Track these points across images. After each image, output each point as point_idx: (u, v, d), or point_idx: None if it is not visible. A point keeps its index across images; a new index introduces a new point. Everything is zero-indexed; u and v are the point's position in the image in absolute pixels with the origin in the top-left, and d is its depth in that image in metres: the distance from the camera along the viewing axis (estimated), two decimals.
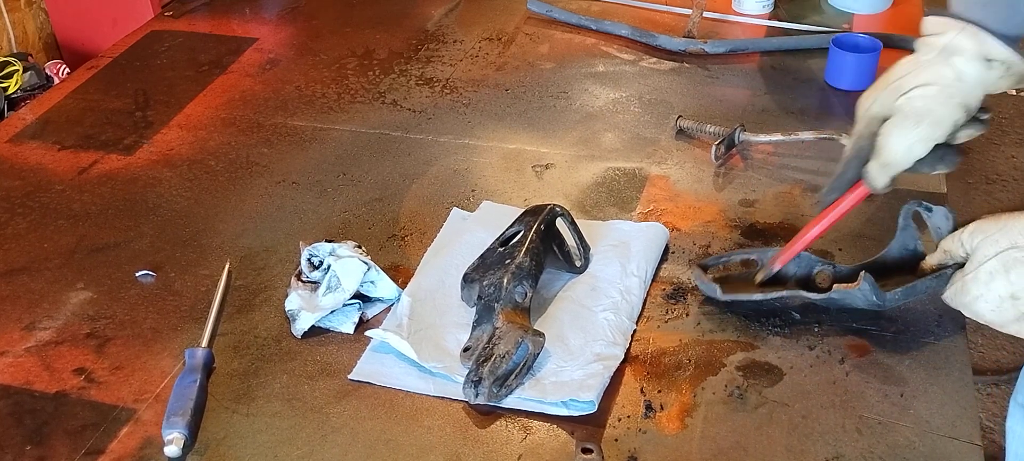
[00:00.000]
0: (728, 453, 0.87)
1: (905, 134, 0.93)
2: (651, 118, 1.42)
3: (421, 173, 1.30)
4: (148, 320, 1.05)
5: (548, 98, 1.48)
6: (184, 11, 1.81)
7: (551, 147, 1.35)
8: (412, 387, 0.95)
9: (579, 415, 0.90)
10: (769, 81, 1.52)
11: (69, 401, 0.95)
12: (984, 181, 2.67)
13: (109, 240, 1.18)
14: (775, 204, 1.21)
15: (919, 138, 0.92)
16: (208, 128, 1.42)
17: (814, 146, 1.29)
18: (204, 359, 0.96)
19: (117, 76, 1.58)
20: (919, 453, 0.86)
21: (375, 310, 1.05)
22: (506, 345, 0.93)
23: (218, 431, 0.91)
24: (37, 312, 1.07)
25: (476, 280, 1.01)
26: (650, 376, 0.96)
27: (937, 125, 0.92)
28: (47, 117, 1.47)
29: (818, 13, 1.74)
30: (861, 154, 0.97)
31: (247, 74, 1.58)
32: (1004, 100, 3.01)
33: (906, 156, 0.93)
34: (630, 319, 1.01)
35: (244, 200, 1.25)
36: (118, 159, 1.35)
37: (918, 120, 0.92)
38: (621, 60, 1.60)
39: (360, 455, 0.88)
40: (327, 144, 1.37)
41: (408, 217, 1.21)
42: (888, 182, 0.96)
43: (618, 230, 1.15)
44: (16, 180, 1.31)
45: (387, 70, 1.58)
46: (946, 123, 0.92)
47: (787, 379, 0.95)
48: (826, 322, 1.01)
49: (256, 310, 1.06)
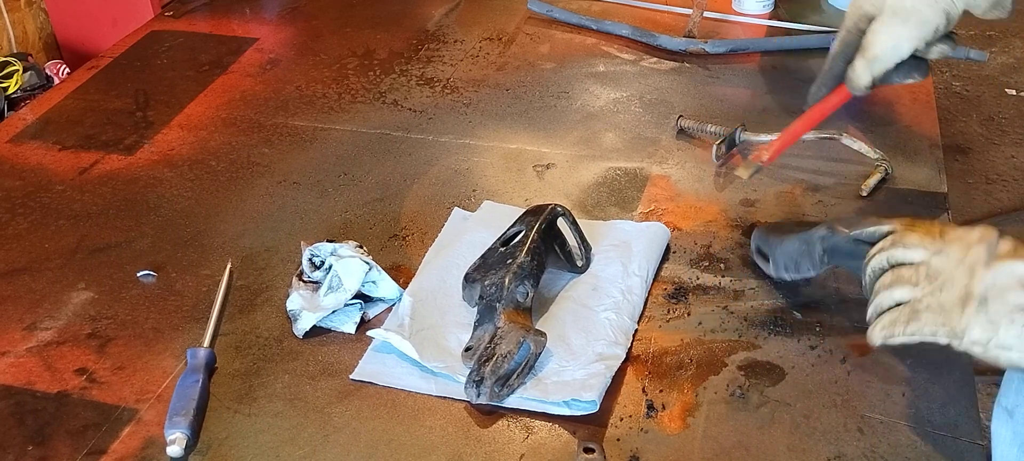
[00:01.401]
0: (730, 452, 0.87)
1: (893, 31, 0.99)
2: (652, 118, 1.42)
3: (422, 173, 1.30)
4: (150, 320, 1.05)
5: (549, 98, 1.48)
6: (184, 11, 1.81)
7: (552, 147, 1.35)
8: (414, 387, 0.95)
9: (581, 415, 0.90)
10: (770, 81, 1.52)
11: (71, 401, 0.95)
12: (984, 181, 2.66)
13: (110, 240, 1.18)
14: (776, 204, 1.21)
15: (906, 36, 0.99)
16: (209, 128, 1.42)
17: (815, 146, 1.29)
18: (206, 359, 0.96)
19: (117, 76, 1.58)
20: (921, 452, 0.86)
21: (377, 310, 1.05)
22: (508, 345, 0.93)
23: (220, 431, 0.91)
24: (38, 312, 1.07)
25: (477, 280, 1.01)
26: (652, 376, 0.96)
27: (923, 25, 0.98)
28: (47, 117, 1.47)
29: (818, 13, 1.74)
30: (848, 49, 1.02)
31: (247, 74, 1.58)
32: (1004, 100, 3.01)
33: (892, 53, 1.00)
34: (632, 319, 1.01)
35: (245, 200, 1.25)
36: (119, 159, 1.35)
37: (906, 18, 0.98)
38: (622, 60, 1.60)
39: (362, 455, 0.88)
40: (328, 144, 1.37)
41: (409, 217, 1.21)
42: (870, 82, 1.02)
43: (619, 230, 1.15)
44: (17, 180, 1.31)
45: (388, 70, 1.58)
46: (930, 25, 0.98)
47: (789, 378, 0.95)
48: (827, 321, 1.01)
49: (258, 310, 1.06)
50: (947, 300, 0.83)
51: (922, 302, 0.84)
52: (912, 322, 0.84)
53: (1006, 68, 3.17)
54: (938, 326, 0.83)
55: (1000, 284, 0.80)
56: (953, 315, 0.82)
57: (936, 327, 0.83)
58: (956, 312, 0.82)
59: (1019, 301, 0.79)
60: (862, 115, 1.42)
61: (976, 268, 0.82)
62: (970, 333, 0.81)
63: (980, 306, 0.81)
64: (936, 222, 0.87)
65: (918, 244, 0.86)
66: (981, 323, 0.81)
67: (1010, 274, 0.80)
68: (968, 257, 0.83)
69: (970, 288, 0.81)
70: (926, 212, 1.18)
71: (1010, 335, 0.79)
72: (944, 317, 0.82)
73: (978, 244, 0.83)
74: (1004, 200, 2.66)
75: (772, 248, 1.05)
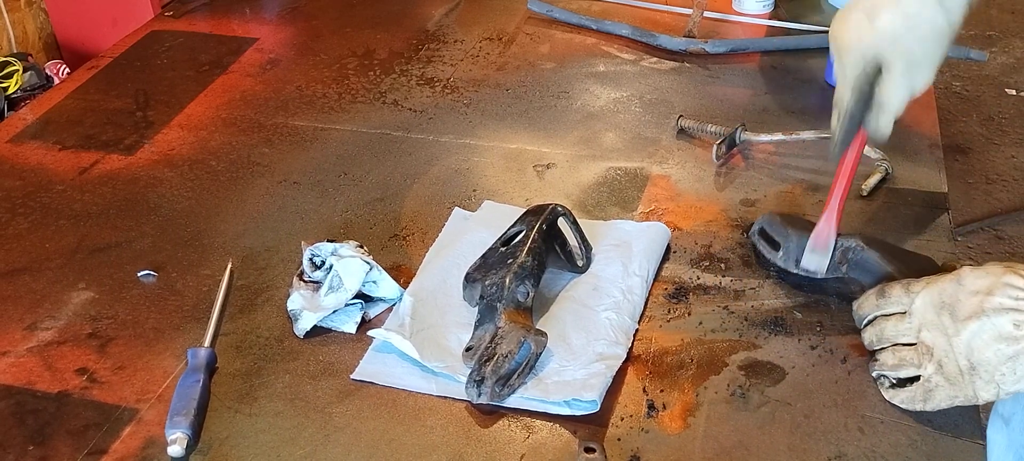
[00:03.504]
0: (730, 452, 0.87)
1: (907, 81, 0.96)
2: (652, 118, 1.42)
3: (422, 173, 1.30)
4: (150, 320, 1.05)
5: (549, 98, 1.48)
6: (184, 11, 1.81)
7: (552, 147, 1.35)
8: (414, 387, 0.95)
9: (582, 415, 0.90)
10: (770, 81, 1.52)
11: (71, 401, 0.95)
12: (984, 181, 2.67)
13: (110, 240, 1.18)
14: (776, 203, 1.21)
15: (921, 80, 0.97)
16: (209, 128, 1.42)
17: (815, 145, 1.29)
18: (206, 359, 0.96)
19: (117, 76, 1.58)
20: (921, 452, 0.86)
21: (377, 310, 1.05)
22: (508, 345, 0.93)
23: (221, 431, 0.91)
24: (39, 312, 1.07)
25: (478, 280, 1.01)
26: (652, 375, 0.96)
27: (934, 64, 0.97)
28: (47, 117, 1.47)
29: (818, 13, 1.75)
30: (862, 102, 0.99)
31: (247, 74, 1.58)
32: (1004, 100, 3.01)
33: (909, 99, 0.98)
34: (632, 319, 1.01)
35: (245, 200, 1.25)
36: (119, 159, 1.35)
37: (919, 65, 0.96)
38: (622, 60, 1.60)
39: (363, 455, 0.88)
40: (328, 144, 1.37)
41: (410, 217, 1.21)
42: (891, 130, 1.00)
43: (620, 230, 1.15)
44: (17, 180, 1.31)
45: (388, 70, 1.58)
46: (939, 58, 0.97)
47: (789, 378, 0.95)
48: (828, 321, 1.01)
49: (258, 310, 1.06)
50: (950, 374, 0.87)
51: (932, 381, 0.88)
52: (930, 400, 0.89)
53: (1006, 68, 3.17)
54: (954, 398, 0.87)
55: (976, 347, 0.84)
56: (959, 386, 0.86)
57: (953, 399, 0.87)
58: (960, 383, 0.86)
59: (999, 356, 0.83)
60: None
61: (952, 339, 0.86)
62: (979, 395, 0.85)
63: (974, 373, 0.85)
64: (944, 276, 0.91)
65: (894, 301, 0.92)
66: (983, 385, 0.85)
67: (979, 335, 0.84)
68: (941, 326, 0.87)
69: (957, 362, 0.86)
70: (926, 212, 1.18)
71: (1011, 383, 0.83)
72: (953, 389, 0.87)
73: (942, 311, 0.87)
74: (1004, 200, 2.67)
75: (786, 238, 1.05)
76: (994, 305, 0.83)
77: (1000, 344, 0.82)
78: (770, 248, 1.08)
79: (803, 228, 1.06)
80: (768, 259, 1.08)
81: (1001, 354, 0.82)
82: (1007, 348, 0.82)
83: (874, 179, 1.22)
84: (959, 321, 0.85)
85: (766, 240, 1.08)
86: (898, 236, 1.13)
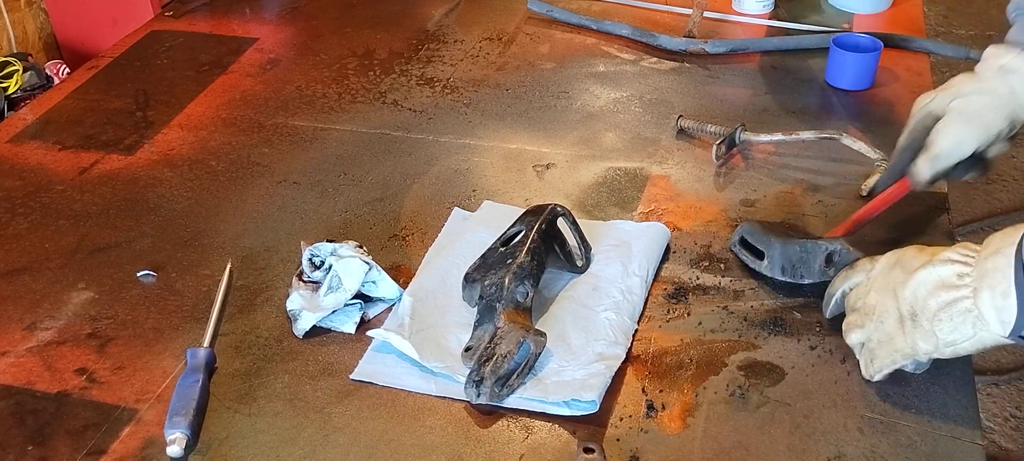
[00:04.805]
0: (730, 453, 0.87)
1: (957, 131, 1.03)
2: (652, 118, 1.42)
3: (422, 173, 1.30)
4: (150, 320, 1.05)
5: (549, 98, 1.48)
6: (184, 11, 1.81)
7: (552, 147, 1.35)
8: (414, 387, 0.95)
9: (581, 415, 0.90)
10: (769, 81, 1.52)
11: (71, 401, 0.95)
12: (984, 181, 2.67)
13: (110, 240, 1.18)
14: (776, 203, 1.21)
15: (970, 137, 1.03)
16: (209, 128, 1.42)
17: (815, 146, 1.29)
18: (206, 359, 0.96)
19: (117, 76, 1.58)
20: (921, 452, 0.86)
21: (376, 310, 1.05)
22: (508, 345, 0.93)
23: (220, 431, 0.91)
24: (38, 312, 1.07)
25: (477, 280, 1.01)
26: (652, 376, 0.96)
27: (986, 129, 1.03)
28: (47, 117, 1.47)
29: (818, 13, 1.75)
30: (914, 145, 1.07)
31: (247, 74, 1.58)
32: None
33: (955, 152, 1.04)
34: (631, 319, 1.01)
35: (245, 200, 1.25)
36: (119, 159, 1.35)
37: (969, 120, 1.03)
38: (622, 60, 1.60)
39: (362, 455, 0.88)
40: (328, 144, 1.37)
41: (409, 217, 1.21)
42: (931, 177, 1.06)
43: (619, 230, 1.15)
44: (17, 180, 1.31)
45: (388, 70, 1.58)
46: (993, 129, 1.03)
47: (789, 378, 0.95)
48: (827, 321, 1.01)
49: (258, 310, 1.06)
50: (889, 330, 0.89)
51: (872, 340, 0.91)
52: (874, 361, 0.91)
53: None
54: (894, 355, 0.89)
55: (920, 295, 0.86)
56: (898, 340, 0.88)
57: (893, 356, 0.89)
58: (899, 337, 0.88)
59: (938, 302, 0.84)
60: (862, 115, 1.42)
61: (898, 290, 0.88)
62: (918, 348, 0.87)
63: (913, 322, 0.87)
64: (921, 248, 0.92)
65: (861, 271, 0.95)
66: (922, 336, 0.86)
67: (924, 282, 0.86)
68: (889, 282, 0.89)
69: (900, 310, 0.87)
70: (926, 212, 1.18)
71: (948, 333, 0.84)
72: (892, 345, 0.89)
73: (894, 267, 0.90)
74: (1004, 200, 2.67)
75: (770, 247, 1.06)
76: (943, 257, 0.86)
77: (941, 291, 0.84)
78: (753, 257, 1.08)
79: (784, 235, 1.07)
80: (752, 269, 1.08)
81: (940, 300, 0.84)
82: (946, 295, 0.84)
83: (874, 179, 1.21)
84: (909, 272, 0.87)
85: (748, 250, 1.08)
86: (898, 236, 1.13)
